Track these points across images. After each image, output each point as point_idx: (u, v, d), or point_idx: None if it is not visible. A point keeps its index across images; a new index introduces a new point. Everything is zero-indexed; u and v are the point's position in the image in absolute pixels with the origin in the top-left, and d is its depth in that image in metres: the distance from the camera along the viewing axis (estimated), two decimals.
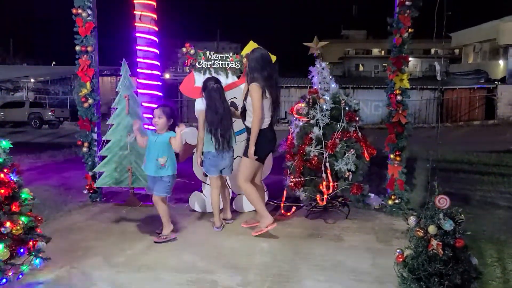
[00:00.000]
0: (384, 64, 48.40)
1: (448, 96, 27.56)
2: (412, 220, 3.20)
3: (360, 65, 57.57)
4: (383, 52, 55.30)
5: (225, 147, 4.79)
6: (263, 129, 4.63)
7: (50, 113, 25.38)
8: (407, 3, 5.15)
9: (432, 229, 2.99)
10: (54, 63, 44.76)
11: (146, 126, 6.10)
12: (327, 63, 5.52)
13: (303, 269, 3.82)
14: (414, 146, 6.03)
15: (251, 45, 5.55)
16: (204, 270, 3.79)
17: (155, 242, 4.44)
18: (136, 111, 5.83)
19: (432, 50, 50.10)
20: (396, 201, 5.46)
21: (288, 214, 5.49)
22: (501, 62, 33.43)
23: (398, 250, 3.27)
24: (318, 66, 5.44)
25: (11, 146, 3.43)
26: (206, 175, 5.56)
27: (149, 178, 4.60)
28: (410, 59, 5.42)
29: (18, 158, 8.78)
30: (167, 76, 35.64)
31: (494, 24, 32.92)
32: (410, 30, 5.20)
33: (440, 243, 2.95)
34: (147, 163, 4.53)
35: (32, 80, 32.99)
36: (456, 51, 47.43)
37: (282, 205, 5.57)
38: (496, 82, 28.61)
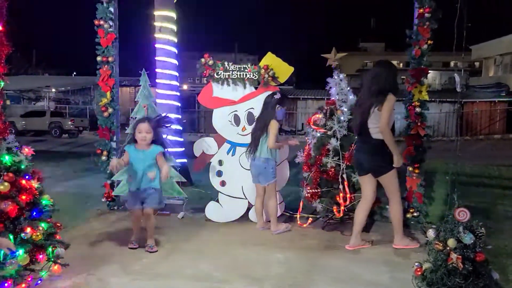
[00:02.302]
0: (402, 77, 48.02)
1: (468, 109, 27.22)
2: (431, 233, 3.15)
3: None
4: (401, 64, 54.87)
5: (250, 155, 5.18)
6: None
7: (70, 123, 25.84)
8: (426, 15, 5.13)
9: (451, 242, 2.95)
10: (74, 73, 45.57)
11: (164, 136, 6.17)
12: (345, 75, 5.51)
13: (319, 281, 3.79)
14: (432, 159, 5.96)
15: (270, 57, 5.60)
16: (219, 279, 3.78)
17: (150, 252, 4.44)
18: None
19: (452, 63, 49.62)
20: (415, 214, 5.39)
21: (305, 225, 5.46)
22: None
23: (416, 263, 3.23)
24: (336, 77, 5.44)
25: (33, 153, 3.50)
26: (223, 185, 5.60)
27: (134, 194, 4.47)
28: (429, 71, 5.37)
29: (39, 166, 8.92)
30: (185, 87, 36.01)
31: None
32: (429, 42, 5.17)
33: (460, 256, 2.90)
34: (136, 178, 4.41)
35: (53, 90, 33.65)
36: (476, 64, 46.89)
37: (298, 216, 5.54)
38: None
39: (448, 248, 2.97)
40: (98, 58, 5.86)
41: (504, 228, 5.57)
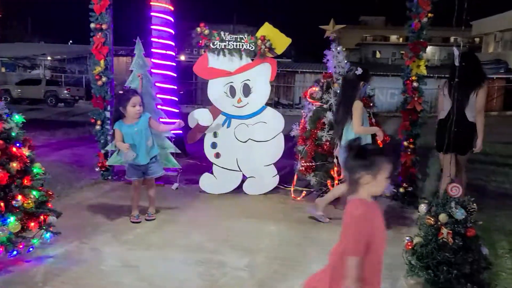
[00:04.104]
0: (401, 52, 47.58)
1: None
2: (423, 207, 3.16)
3: (377, 52, 56.77)
4: (401, 39, 54.43)
5: (337, 144, 4.64)
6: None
7: (65, 92, 25.56)
8: None
9: (443, 217, 2.96)
10: (71, 42, 44.92)
11: (159, 107, 6.11)
12: (344, 49, 5.43)
13: (311, 253, 3.82)
14: (428, 135, 5.95)
15: (267, 27, 5.50)
16: (212, 251, 3.80)
17: (147, 219, 4.50)
18: (149, 90, 5.83)
19: (452, 38, 49.14)
20: (408, 189, 5.40)
21: (298, 198, 5.48)
22: None
23: (407, 238, 3.25)
24: (333, 50, 5.36)
25: (24, 120, 3.45)
26: (217, 157, 5.58)
27: (137, 168, 4.41)
28: (428, 47, 5.30)
29: (33, 135, 8.87)
30: (182, 58, 35.58)
31: None
32: (429, 15, 5.09)
33: (451, 231, 2.91)
34: (139, 154, 4.31)
35: (49, 58, 33.20)
36: (477, 40, 46.45)
37: (292, 189, 5.56)
38: None
39: (439, 223, 2.98)
40: (92, 25, 5.74)
41: (496, 204, 5.61)
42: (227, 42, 5.47)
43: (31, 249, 3.43)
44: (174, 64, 7.62)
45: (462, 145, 4.68)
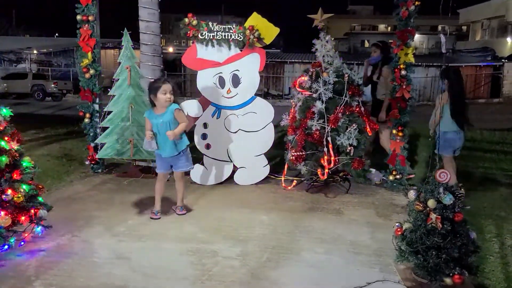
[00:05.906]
0: (390, 41, 47.64)
1: None
2: (412, 193, 3.19)
3: (366, 42, 56.74)
4: (389, 28, 54.55)
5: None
6: None
7: (53, 85, 25.24)
8: None
9: (431, 203, 2.99)
10: (57, 35, 44.32)
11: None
12: (332, 38, 5.44)
13: (302, 242, 3.85)
14: (417, 123, 6.02)
15: (255, 17, 5.49)
16: (204, 241, 3.82)
17: (178, 214, 4.44)
18: (138, 82, 5.79)
19: (439, 27, 49.34)
20: (397, 176, 5.46)
21: (289, 188, 5.51)
22: (508, 40, 32.93)
23: (397, 224, 3.29)
24: (322, 39, 5.36)
25: (12, 114, 3.42)
26: (208, 148, 5.58)
27: (164, 160, 4.34)
28: (416, 35, 5.32)
29: (21, 129, 8.78)
30: (170, 50, 35.32)
31: (504, 0, 32.29)
32: (417, 3, 5.11)
33: (439, 217, 2.95)
34: (163, 146, 4.24)
35: (35, 52, 32.74)
36: (464, 28, 46.69)
37: (283, 178, 5.58)
38: (503, 60, 28.19)
39: (428, 208, 3.02)
40: (78, 17, 5.67)
41: (483, 190, 5.70)
42: (215, 32, 5.45)
43: (22, 243, 3.42)
44: (161, 56, 7.57)
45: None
